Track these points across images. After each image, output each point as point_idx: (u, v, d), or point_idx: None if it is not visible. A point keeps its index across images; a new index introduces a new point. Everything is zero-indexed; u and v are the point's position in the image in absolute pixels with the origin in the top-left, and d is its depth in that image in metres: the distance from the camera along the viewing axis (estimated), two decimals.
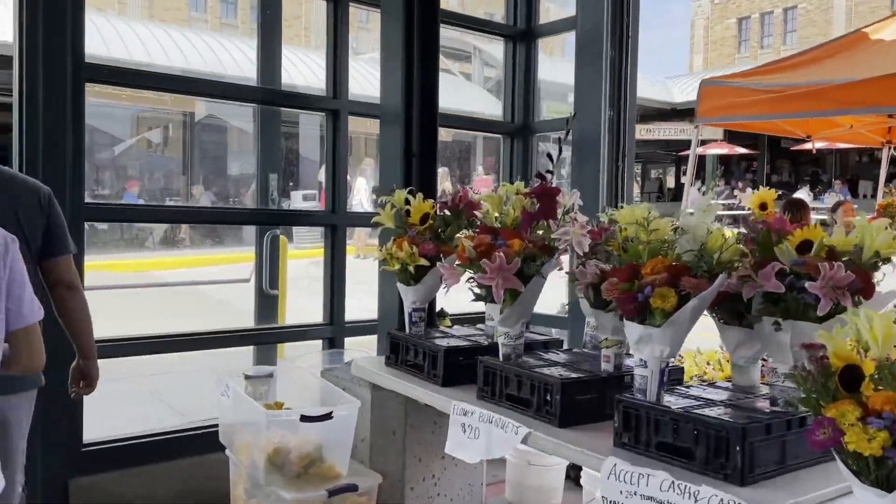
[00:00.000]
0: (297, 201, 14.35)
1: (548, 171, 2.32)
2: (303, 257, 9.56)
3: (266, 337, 3.68)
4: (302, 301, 5.31)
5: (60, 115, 2.93)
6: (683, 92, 22.50)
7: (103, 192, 15.08)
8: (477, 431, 2.23)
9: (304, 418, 2.67)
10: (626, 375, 2.23)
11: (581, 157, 3.76)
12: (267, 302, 3.83)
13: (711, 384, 2.21)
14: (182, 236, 14.45)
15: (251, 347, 3.76)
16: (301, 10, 20.54)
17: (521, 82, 4.26)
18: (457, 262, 2.49)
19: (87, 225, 3.18)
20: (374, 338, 3.71)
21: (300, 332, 3.75)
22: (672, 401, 1.94)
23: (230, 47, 13.70)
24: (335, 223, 3.74)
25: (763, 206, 3.71)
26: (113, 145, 15.75)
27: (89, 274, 3.15)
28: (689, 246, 1.98)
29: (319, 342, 3.79)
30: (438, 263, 2.50)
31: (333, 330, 3.73)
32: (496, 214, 2.61)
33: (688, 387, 2.14)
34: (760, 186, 3.33)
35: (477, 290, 2.35)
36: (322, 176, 12.69)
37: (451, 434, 2.31)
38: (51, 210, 2.34)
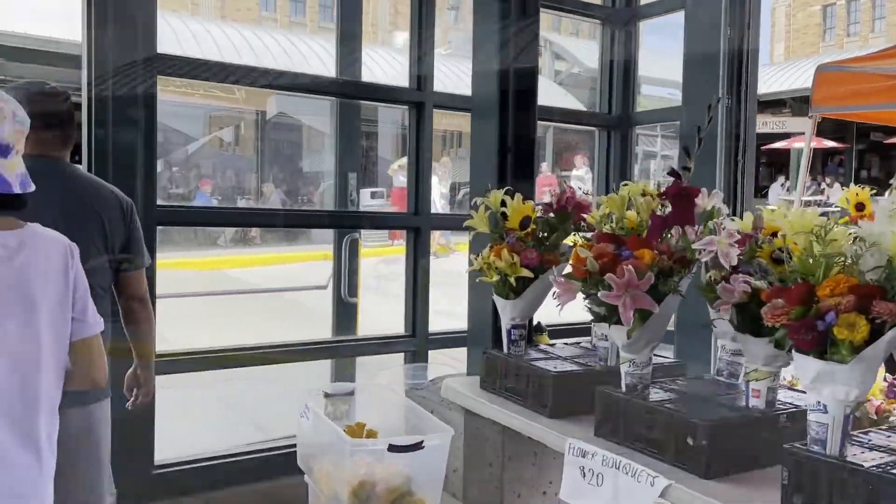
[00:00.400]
0: (365, 199, 14.20)
1: (684, 168, 1.96)
2: (370, 256, 9.34)
3: (345, 350, 3.43)
4: (374, 303, 5.07)
5: (131, 112, 2.74)
6: (766, 83, 21.40)
7: (177, 190, 15.30)
8: (600, 478, 1.89)
9: (392, 448, 2.38)
10: (780, 414, 1.86)
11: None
12: (345, 310, 3.58)
13: (893, 428, 1.81)
14: (253, 234, 14.51)
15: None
16: (369, 7, 20.40)
17: (619, 69, 3.88)
18: (565, 272, 2.17)
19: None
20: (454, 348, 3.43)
21: (381, 345, 3.47)
22: (857, 454, 1.56)
23: (301, 45, 13.66)
24: (419, 225, 3.44)
25: (860, 207, 3.25)
26: (186, 144, 15.98)
27: (164, 273, 2.97)
28: (876, 261, 1.59)
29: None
30: (551, 277, 2.16)
31: (416, 342, 3.44)
32: (599, 217, 2.28)
33: (865, 432, 1.75)
34: (851, 183, 2.89)
35: (596, 309, 2.01)
36: (391, 171, 12.47)
37: (568, 477, 1.97)
38: (132, 222, 2.29)
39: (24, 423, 1.55)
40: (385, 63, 12.73)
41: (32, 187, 1.61)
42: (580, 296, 2.04)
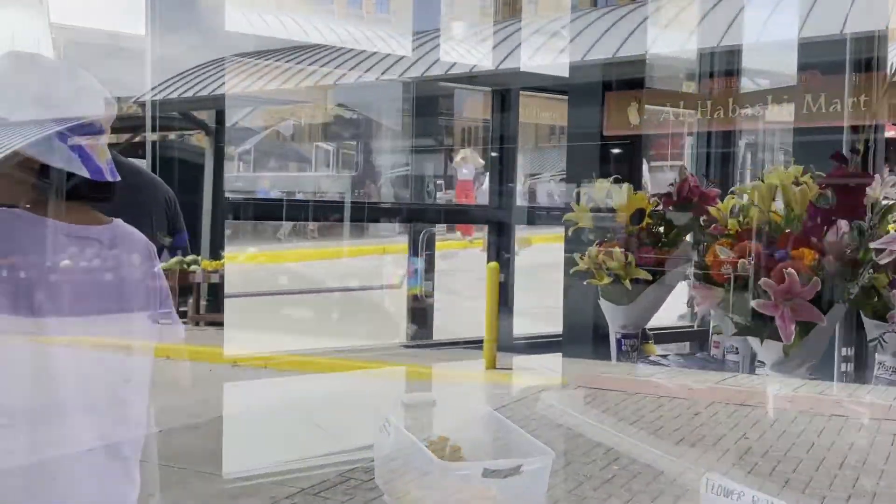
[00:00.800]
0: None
1: (852, 151, 1.64)
2: None
3: (422, 357, 3.18)
4: (441, 302, 4.82)
5: (198, 105, 2.57)
6: None
7: (238, 184, 15.37)
8: None
9: (486, 473, 2.11)
10: None
11: (810, 133, 2.99)
12: (421, 311, 3.33)
13: None
14: (311, 228, 14.43)
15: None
16: None
17: (720, 48, 3.51)
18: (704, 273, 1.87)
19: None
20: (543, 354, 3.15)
21: (463, 351, 3.21)
22: None
23: (358, 36, 13.50)
24: (502, 219, 3.16)
25: None
26: (248, 137, 16.06)
27: (233, 268, 2.79)
28: None
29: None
30: (687, 282, 1.86)
31: (499, 348, 3.16)
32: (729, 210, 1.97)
33: None
34: None
35: (738, 320, 1.70)
36: (455, 164, 12.24)
37: None
38: (175, 215, 2.23)
39: (114, 432, 1.42)
40: (445, 54, 12.46)
41: (119, 177, 1.45)
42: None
